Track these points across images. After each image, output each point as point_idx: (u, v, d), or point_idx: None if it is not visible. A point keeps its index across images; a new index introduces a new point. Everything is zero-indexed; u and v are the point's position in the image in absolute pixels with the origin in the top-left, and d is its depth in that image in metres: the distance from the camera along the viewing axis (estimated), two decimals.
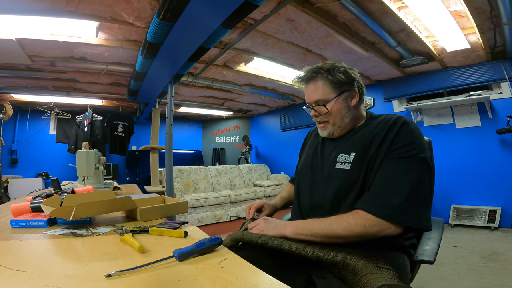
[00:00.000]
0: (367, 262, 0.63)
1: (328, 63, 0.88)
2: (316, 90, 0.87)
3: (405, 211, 0.68)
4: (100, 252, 0.61)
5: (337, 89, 0.85)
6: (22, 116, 4.69)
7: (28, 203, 0.98)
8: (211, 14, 1.76)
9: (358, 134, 0.85)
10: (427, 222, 0.70)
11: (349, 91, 0.86)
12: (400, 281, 0.61)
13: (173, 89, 3.09)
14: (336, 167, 0.82)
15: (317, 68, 0.87)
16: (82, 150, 1.61)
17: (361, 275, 0.61)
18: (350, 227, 0.69)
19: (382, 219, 0.68)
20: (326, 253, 0.68)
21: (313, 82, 0.88)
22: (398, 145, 0.74)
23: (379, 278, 0.59)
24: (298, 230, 0.75)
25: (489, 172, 3.17)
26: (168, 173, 3.00)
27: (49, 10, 1.93)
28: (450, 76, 3.37)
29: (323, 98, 0.86)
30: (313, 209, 0.85)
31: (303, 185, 0.94)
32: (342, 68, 0.86)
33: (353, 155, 0.80)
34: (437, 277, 1.91)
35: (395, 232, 0.69)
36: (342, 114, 0.86)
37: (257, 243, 0.75)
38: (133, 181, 5.16)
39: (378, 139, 0.77)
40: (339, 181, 0.80)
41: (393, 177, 0.71)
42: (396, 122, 0.78)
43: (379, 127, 0.81)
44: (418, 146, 0.74)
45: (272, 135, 6.04)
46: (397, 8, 2.13)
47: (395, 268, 0.64)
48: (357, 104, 0.88)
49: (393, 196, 0.69)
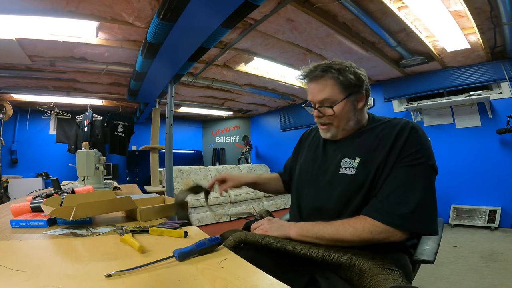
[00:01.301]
0: (373, 263, 0.63)
1: (337, 61, 0.82)
2: (324, 90, 0.81)
3: (414, 220, 0.68)
4: (100, 252, 0.61)
5: (346, 91, 0.80)
6: (22, 116, 4.69)
7: (28, 203, 0.98)
8: (211, 14, 1.76)
9: (363, 138, 0.82)
10: (435, 228, 0.70)
11: (358, 93, 0.82)
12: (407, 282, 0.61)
13: (173, 89, 3.09)
14: (340, 172, 0.80)
15: (326, 66, 0.80)
16: (82, 150, 1.61)
17: (368, 276, 0.61)
18: (357, 232, 0.69)
19: (390, 226, 0.68)
20: (332, 254, 0.67)
21: (322, 81, 0.81)
22: (407, 153, 0.73)
23: (387, 280, 0.59)
24: (303, 232, 0.74)
25: (489, 172, 3.17)
26: (168, 173, 3.00)
27: (49, 10, 1.93)
28: (450, 76, 3.37)
29: (330, 98, 0.80)
30: (314, 213, 0.84)
31: (303, 189, 0.90)
32: (352, 69, 0.81)
33: (358, 160, 0.78)
34: (437, 277, 1.91)
35: (401, 238, 0.69)
36: (348, 117, 0.82)
37: (261, 244, 0.74)
38: (133, 181, 5.16)
39: (386, 145, 0.75)
40: (343, 186, 0.78)
41: (403, 185, 0.71)
42: (404, 128, 0.76)
43: (385, 131, 0.78)
44: (427, 153, 0.73)
45: (272, 135, 6.04)
46: (397, 8, 2.13)
47: (400, 269, 0.64)
48: (362, 107, 0.85)
49: (402, 205, 0.68)
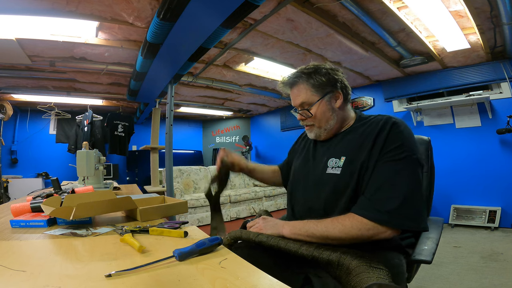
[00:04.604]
0: (361, 262, 0.63)
1: (311, 65, 0.87)
2: (299, 94, 0.87)
3: (401, 216, 0.68)
4: (100, 252, 0.61)
5: (320, 92, 0.85)
6: (22, 116, 4.69)
7: (28, 203, 0.98)
8: (211, 14, 1.76)
9: (348, 138, 0.84)
10: (424, 224, 0.70)
11: (332, 92, 0.86)
12: (392, 281, 0.60)
13: (173, 89, 3.09)
14: (327, 172, 0.82)
15: (298, 72, 0.87)
16: (82, 150, 1.61)
17: (354, 274, 0.61)
18: (346, 229, 0.69)
19: (378, 223, 0.68)
20: (322, 252, 0.68)
21: (295, 87, 0.89)
22: (389, 148, 0.74)
23: (370, 278, 0.58)
24: (295, 230, 0.75)
25: (489, 172, 3.17)
26: (168, 173, 3.00)
27: (49, 10, 1.93)
28: (450, 76, 3.37)
29: (306, 101, 0.86)
30: (306, 213, 0.85)
31: (296, 190, 0.94)
32: (324, 70, 0.85)
33: (343, 159, 0.80)
34: (437, 277, 1.91)
35: (390, 235, 0.69)
36: (326, 117, 0.86)
37: (255, 241, 0.75)
38: (133, 181, 5.16)
39: (368, 141, 0.77)
40: (330, 185, 0.80)
41: (387, 181, 0.71)
42: (385, 124, 0.77)
43: (368, 129, 0.80)
44: (409, 147, 0.73)
45: (272, 135, 6.04)
46: (397, 8, 2.13)
47: (390, 267, 0.64)
48: (342, 105, 0.87)
49: (388, 201, 0.69)
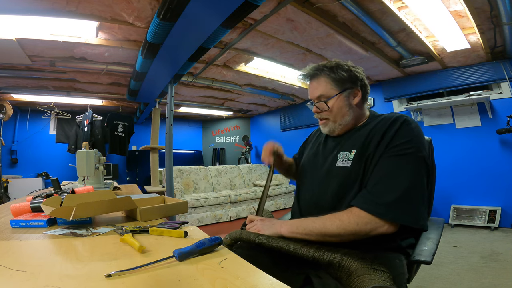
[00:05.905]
0: (362, 263, 0.62)
1: (334, 61, 0.89)
2: (319, 87, 0.88)
3: (398, 209, 0.67)
4: (100, 252, 0.61)
5: (339, 87, 0.86)
6: (22, 116, 4.69)
7: (28, 203, 0.98)
8: (211, 14, 1.76)
9: (360, 132, 0.85)
10: (423, 222, 0.68)
11: (351, 89, 0.87)
12: (393, 283, 0.60)
13: (173, 89, 3.08)
14: (337, 164, 0.82)
15: (320, 66, 0.88)
16: (82, 150, 1.61)
17: (355, 276, 0.61)
18: (343, 224, 0.69)
19: (375, 216, 0.67)
20: (323, 253, 0.67)
21: (316, 79, 0.90)
22: (396, 143, 0.73)
23: (371, 280, 0.58)
24: (293, 228, 0.75)
25: (489, 172, 3.17)
26: (168, 173, 3.00)
27: (49, 10, 1.93)
28: (450, 76, 3.37)
29: (324, 94, 0.87)
30: (313, 207, 0.85)
31: (304, 183, 0.94)
32: (346, 67, 0.86)
33: (354, 153, 0.80)
34: (437, 277, 1.91)
35: (388, 230, 0.67)
36: (343, 112, 0.86)
37: (255, 242, 0.75)
38: (133, 181, 5.16)
39: (378, 136, 0.77)
40: (339, 178, 0.80)
41: (389, 175, 0.71)
42: (396, 120, 0.77)
43: (379, 125, 0.80)
44: (417, 144, 0.73)
45: (272, 135, 6.03)
46: (397, 8, 2.13)
47: (391, 268, 0.63)
48: (359, 103, 0.88)
49: (387, 194, 0.68)
